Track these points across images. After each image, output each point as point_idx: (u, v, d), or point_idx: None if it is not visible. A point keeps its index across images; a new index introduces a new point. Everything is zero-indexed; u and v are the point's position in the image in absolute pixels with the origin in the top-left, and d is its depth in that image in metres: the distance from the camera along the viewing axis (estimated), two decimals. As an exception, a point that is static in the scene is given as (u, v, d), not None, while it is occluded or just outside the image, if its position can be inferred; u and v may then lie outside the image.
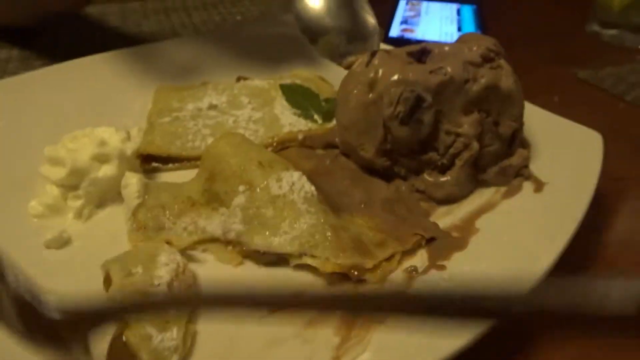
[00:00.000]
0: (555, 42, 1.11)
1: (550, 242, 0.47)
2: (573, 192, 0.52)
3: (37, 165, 0.56)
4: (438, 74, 0.52)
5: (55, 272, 0.47)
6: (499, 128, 0.54)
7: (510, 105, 0.54)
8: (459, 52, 0.54)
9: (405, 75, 0.52)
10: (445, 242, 0.50)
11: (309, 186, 0.51)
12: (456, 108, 0.52)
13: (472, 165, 0.53)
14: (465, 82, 0.52)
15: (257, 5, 1.27)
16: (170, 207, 0.52)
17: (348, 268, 0.46)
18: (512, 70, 0.55)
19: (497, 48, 0.57)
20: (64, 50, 0.97)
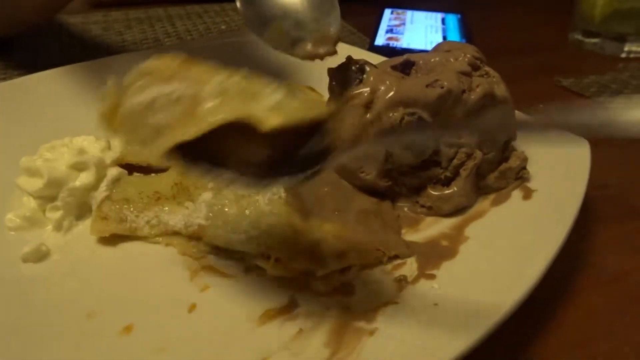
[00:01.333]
0: (539, 51, 1.12)
1: (539, 249, 0.46)
2: (562, 199, 0.52)
3: (13, 176, 0.54)
4: (435, 87, 0.51)
5: (33, 286, 0.46)
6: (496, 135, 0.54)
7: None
8: (446, 63, 0.54)
9: (404, 92, 0.51)
10: (434, 251, 0.49)
11: (277, 188, 0.52)
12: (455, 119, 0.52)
13: (476, 174, 0.53)
14: (462, 92, 0.52)
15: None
16: (134, 201, 0.53)
17: (296, 273, 0.46)
18: (499, 76, 0.55)
19: (480, 55, 0.57)
20: (44, 60, 0.95)
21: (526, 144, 0.58)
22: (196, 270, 0.48)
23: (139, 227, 0.51)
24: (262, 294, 0.46)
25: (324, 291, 0.46)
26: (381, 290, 0.45)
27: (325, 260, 0.47)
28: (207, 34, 1.14)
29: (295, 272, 0.46)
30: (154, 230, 0.51)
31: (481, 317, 0.40)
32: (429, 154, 0.52)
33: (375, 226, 0.52)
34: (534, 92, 0.94)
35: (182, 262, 0.49)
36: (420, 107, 0.51)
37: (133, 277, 0.47)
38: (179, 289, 0.46)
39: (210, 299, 0.45)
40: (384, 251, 0.49)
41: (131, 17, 1.23)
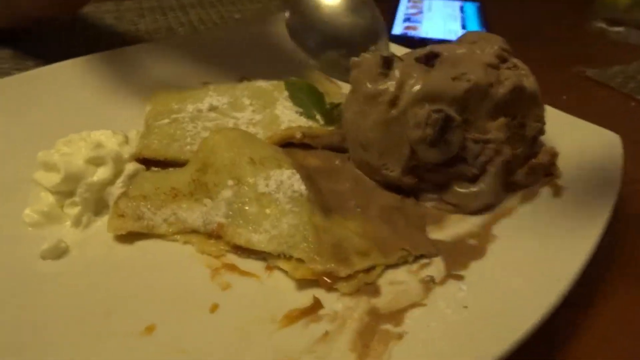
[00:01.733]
0: (560, 40, 1.09)
1: (573, 250, 0.45)
2: (594, 196, 0.50)
3: (31, 171, 0.53)
4: (462, 80, 0.49)
5: (52, 283, 0.45)
6: (525, 130, 0.52)
7: (535, 106, 0.52)
8: (473, 55, 0.52)
9: (429, 86, 0.49)
10: (461, 250, 0.48)
11: (298, 185, 0.51)
12: (482, 114, 0.50)
13: (504, 170, 0.51)
14: (490, 86, 0.50)
15: (255, 3, 1.24)
16: (151, 198, 0.52)
17: (320, 275, 0.45)
18: (528, 69, 0.53)
19: (507, 46, 0.55)
20: (58, 50, 0.94)
21: (555, 139, 0.56)
22: (217, 268, 0.47)
23: (156, 224, 0.50)
24: (284, 294, 0.45)
25: (349, 292, 0.44)
26: (408, 291, 0.44)
27: (349, 260, 0.46)
28: (221, 23, 1.13)
29: (318, 274, 0.44)
30: (172, 228, 0.50)
31: (514, 321, 0.39)
32: (455, 152, 0.50)
33: (399, 223, 0.51)
34: (556, 83, 0.91)
35: (201, 260, 0.48)
36: (447, 102, 0.49)
37: (152, 275, 0.46)
38: (199, 288, 0.45)
39: (232, 299, 0.44)
40: (410, 250, 0.47)
41: (144, 6, 1.21)
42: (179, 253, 0.49)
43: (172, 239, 0.50)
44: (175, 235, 0.50)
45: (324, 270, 0.45)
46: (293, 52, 0.80)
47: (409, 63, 0.51)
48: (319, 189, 0.53)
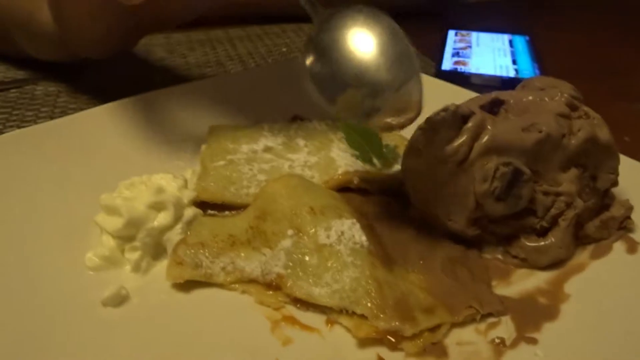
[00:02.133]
0: (614, 75, 1.06)
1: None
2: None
3: (93, 213, 0.54)
4: (532, 131, 0.48)
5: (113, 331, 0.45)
6: (597, 182, 0.50)
7: (609, 157, 0.50)
8: (541, 103, 0.50)
9: (498, 138, 0.47)
10: (532, 309, 0.46)
11: (359, 236, 0.50)
12: (553, 166, 0.48)
13: (575, 224, 0.49)
14: (562, 137, 0.48)
15: (301, 36, 1.25)
16: (209, 245, 0.51)
17: (383, 333, 0.43)
18: (601, 118, 0.51)
19: (577, 94, 0.53)
20: (111, 83, 0.97)
21: (629, 189, 0.54)
22: (277, 321, 0.46)
23: (215, 273, 0.49)
24: (347, 351, 0.43)
25: (414, 352, 0.43)
26: (477, 353, 0.42)
27: (414, 317, 0.44)
28: (268, 56, 1.14)
29: (382, 333, 0.43)
30: (230, 277, 0.49)
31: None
32: (523, 207, 0.48)
33: (464, 277, 0.49)
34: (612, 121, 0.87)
35: (260, 310, 0.47)
36: (516, 153, 0.47)
37: (212, 326, 0.46)
38: (260, 341, 0.44)
39: (294, 355, 0.43)
40: (477, 308, 0.45)
41: (193, 39, 1.24)
42: (238, 303, 0.48)
43: (230, 287, 0.49)
44: (233, 284, 0.49)
45: (388, 329, 0.43)
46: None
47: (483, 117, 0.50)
48: (380, 238, 0.52)
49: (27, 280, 0.49)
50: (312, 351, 0.43)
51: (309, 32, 0.52)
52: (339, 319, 0.45)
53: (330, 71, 0.49)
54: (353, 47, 0.49)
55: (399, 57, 0.48)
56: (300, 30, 1.28)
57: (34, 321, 0.45)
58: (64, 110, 0.86)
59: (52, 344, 0.43)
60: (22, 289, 0.48)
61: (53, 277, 0.49)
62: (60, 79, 0.96)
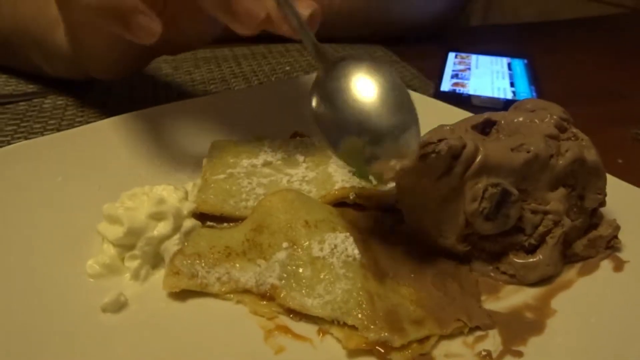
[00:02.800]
0: (612, 99, 1.08)
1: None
2: (658, 272, 0.48)
3: (95, 222, 0.55)
4: (521, 151, 0.49)
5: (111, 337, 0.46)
6: (584, 202, 0.51)
7: (596, 178, 0.51)
8: (531, 124, 0.52)
9: (488, 157, 0.49)
10: (519, 324, 0.47)
11: (352, 249, 0.51)
12: (541, 185, 0.50)
13: (563, 242, 0.50)
14: (550, 157, 0.50)
15: (304, 56, 1.28)
16: (205, 256, 0.53)
17: (373, 345, 0.44)
18: (589, 139, 0.52)
19: (567, 116, 0.55)
20: (118, 98, 0.99)
21: (616, 209, 0.55)
22: (270, 330, 0.47)
23: (210, 283, 0.51)
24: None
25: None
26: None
27: (403, 329, 0.45)
28: (271, 74, 1.17)
29: (371, 344, 0.44)
30: (225, 287, 0.51)
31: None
32: (511, 225, 0.50)
33: (454, 291, 0.50)
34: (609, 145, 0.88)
35: (254, 320, 0.49)
36: (505, 173, 0.49)
37: (207, 333, 0.47)
38: (253, 349, 0.45)
39: (286, 364, 0.44)
40: (466, 321, 0.46)
41: (199, 56, 1.27)
42: (233, 312, 0.49)
43: (225, 297, 0.51)
44: (228, 294, 0.51)
45: (378, 340, 0.44)
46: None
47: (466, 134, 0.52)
48: (373, 252, 0.54)
49: (29, 286, 0.50)
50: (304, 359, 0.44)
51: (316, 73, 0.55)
52: (331, 329, 0.47)
53: (335, 117, 0.52)
54: (356, 96, 0.52)
55: (399, 107, 0.51)
56: (304, 50, 1.31)
57: (35, 325, 0.46)
58: (71, 123, 0.89)
59: (52, 348, 0.44)
60: (24, 294, 0.49)
61: (54, 283, 0.51)
62: (68, 93, 0.99)
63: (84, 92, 0.99)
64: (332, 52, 0.55)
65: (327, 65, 0.54)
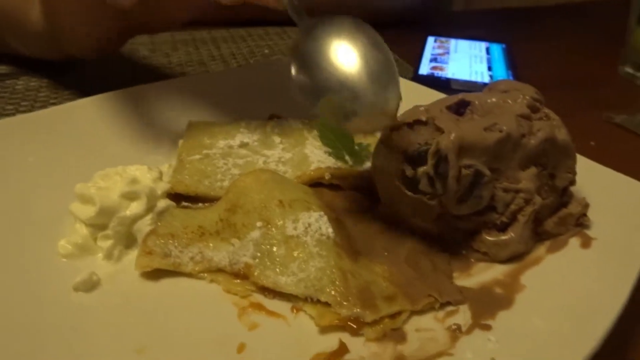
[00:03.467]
0: (587, 85, 1.09)
1: (603, 304, 0.44)
2: (623, 249, 0.50)
3: (67, 201, 0.55)
4: (493, 131, 0.50)
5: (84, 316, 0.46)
6: (555, 180, 0.52)
7: (566, 157, 0.52)
8: (504, 104, 0.52)
9: (461, 137, 0.49)
10: (489, 299, 0.48)
11: (326, 228, 0.51)
12: (513, 164, 0.50)
13: (534, 220, 0.51)
14: (522, 137, 0.50)
15: (284, 39, 1.27)
16: (179, 236, 0.53)
17: (345, 321, 0.45)
18: (560, 119, 0.53)
19: (539, 96, 0.56)
20: (93, 79, 0.98)
21: (585, 189, 0.56)
22: (244, 307, 0.47)
23: (183, 262, 0.51)
24: (311, 336, 0.45)
25: (374, 338, 0.44)
26: (434, 339, 0.44)
27: (375, 305, 0.46)
28: (250, 57, 1.16)
29: (344, 320, 0.45)
30: (198, 267, 0.50)
31: (543, 377, 0.39)
32: (484, 206, 0.50)
33: (427, 269, 0.51)
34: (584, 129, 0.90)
35: (229, 298, 0.49)
36: (478, 152, 0.49)
37: (182, 312, 0.47)
38: (227, 327, 0.45)
39: (259, 340, 0.44)
40: (437, 297, 0.47)
41: (177, 38, 1.25)
42: (207, 290, 0.49)
43: (198, 276, 0.51)
44: (201, 273, 0.51)
45: (350, 316, 0.45)
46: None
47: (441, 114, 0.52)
48: (347, 231, 0.54)
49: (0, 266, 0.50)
50: (278, 336, 0.45)
51: (295, 37, 0.54)
52: (304, 306, 0.47)
53: (314, 76, 0.51)
54: (336, 54, 0.51)
55: (379, 65, 0.51)
56: (284, 33, 1.30)
57: (6, 305, 0.46)
58: (45, 104, 0.87)
59: (23, 327, 0.44)
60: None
61: (26, 263, 0.50)
62: (42, 75, 0.97)
63: (58, 74, 0.97)
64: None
65: (307, 25, 0.53)
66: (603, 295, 0.45)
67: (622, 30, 1.11)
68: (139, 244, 0.53)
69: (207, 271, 0.51)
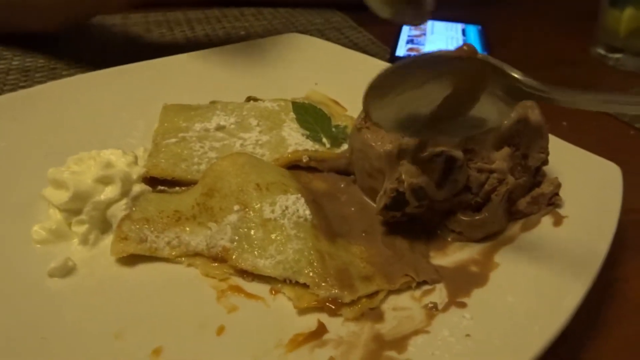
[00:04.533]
0: (560, 65, 1.11)
1: (574, 280, 0.45)
2: (594, 226, 0.51)
3: (40, 186, 0.54)
4: None
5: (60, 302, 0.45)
6: (528, 160, 0.53)
7: (539, 137, 0.53)
8: None
9: None
10: (464, 278, 0.49)
11: (303, 210, 0.51)
12: (487, 145, 0.51)
13: (507, 199, 0.52)
14: None
15: (260, 20, 1.25)
16: (154, 221, 0.52)
17: (323, 302, 0.45)
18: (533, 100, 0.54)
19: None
20: (64, 62, 0.95)
21: (557, 168, 0.57)
22: (223, 290, 0.48)
23: (160, 247, 0.50)
24: (290, 317, 0.45)
25: (352, 317, 0.45)
26: (411, 317, 0.45)
27: (352, 285, 0.47)
28: (226, 39, 1.14)
29: (322, 302, 0.45)
30: (175, 251, 0.50)
31: (515, 351, 0.40)
32: (460, 188, 0.51)
33: (403, 249, 0.52)
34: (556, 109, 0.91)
35: (207, 281, 0.49)
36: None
37: (159, 296, 0.47)
38: (206, 310, 0.46)
39: (239, 322, 0.44)
40: (413, 276, 0.48)
41: (150, 19, 1.23)
42: (185, 274, 0.49)
43: (176, 261, 0.50)
44: (178, 257, 0.50)
45: (328, 296, 0.45)
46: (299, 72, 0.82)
47: None
48: (325, 213, 0.54)
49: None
50: (257, 318, 0.45)
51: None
52: (283, 289, 0.47)
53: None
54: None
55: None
56: (260, 14, 1.28)
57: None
58: (14, 87, 0.85)
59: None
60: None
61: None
62: (11, 57, 0.94)
63: (27, 55, 0.94)
64: None
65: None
66: (574, 272, 0.46)
67: (595, 12, 1.12)
68: (113, 230, 0.52)
69: (185, 255, 0.50)
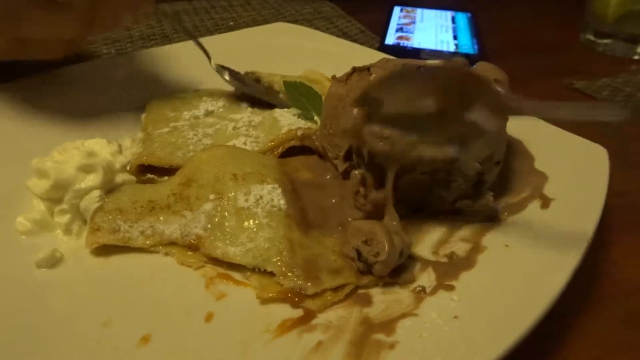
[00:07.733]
0: (550, 51, 1.11)
1: (560, 261, 0.46)
2: (580, 209, 0.51)
3: (26, 178, 0.53)
4: None
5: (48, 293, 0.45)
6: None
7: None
8: None
9: None
10: (452, 261, 0.49)
11: (278, 200, 0.51)
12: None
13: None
14: None
15: (249, 11, 1.25)
16: (127, 211, 0.52)
17: (286, 293, 0.45)
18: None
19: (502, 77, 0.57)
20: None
21: (542, 151, 0.57)
22: (211, 277, 0.47)
23: (133, 237, 0.50)
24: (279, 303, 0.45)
25: (316, 309, 0.44)
26: (399, 301, 0.45)
27: (319, 277, 0.46)
28: (214, 29, 1.13)
29: (285, 292, 0.45)
30: (149, 240, 0.50)
31: (502, 331, 0.40)
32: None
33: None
34: (546, 94, 0.93)
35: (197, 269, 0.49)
36: None
37: (148, 285, 0.47)
38: (194, 297, 0.45)
39: (227, 309, 0.44)
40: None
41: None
42: (174, 263, 0.49)
43: (152, 250, 0.50)
44: (153, 246, 0.50)
45: (292, 287, 0.45)
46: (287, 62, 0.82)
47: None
48: (303, 203, 0.54)
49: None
50: (246, 304, 0.45)
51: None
52: (251, 277, 0.47)
53: None
54: None
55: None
56: (248, 5, 1.27)
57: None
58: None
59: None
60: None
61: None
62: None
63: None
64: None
65: None
66: (560, 254, 0.47)
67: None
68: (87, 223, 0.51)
69: (160, 244, 0.50)
